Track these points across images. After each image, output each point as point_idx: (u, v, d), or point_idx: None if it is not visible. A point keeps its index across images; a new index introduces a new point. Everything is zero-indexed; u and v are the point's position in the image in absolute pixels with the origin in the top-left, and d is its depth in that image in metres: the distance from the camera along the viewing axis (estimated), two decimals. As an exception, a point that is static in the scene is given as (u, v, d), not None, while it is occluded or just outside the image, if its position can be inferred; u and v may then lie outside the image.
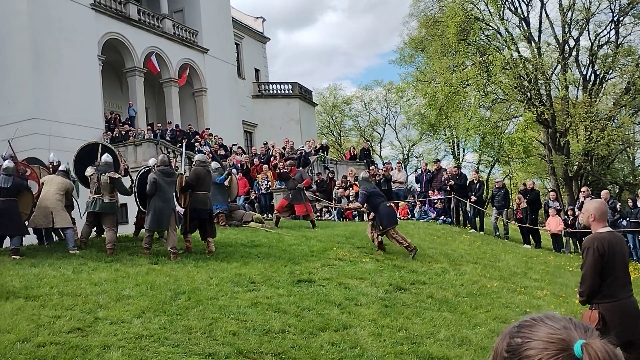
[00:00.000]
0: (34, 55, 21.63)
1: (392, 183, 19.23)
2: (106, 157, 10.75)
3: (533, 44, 31.92)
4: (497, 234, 17.35)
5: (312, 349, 6.12)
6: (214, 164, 11.29)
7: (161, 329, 6.29)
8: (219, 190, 13.16)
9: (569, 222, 16.54)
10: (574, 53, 32.27)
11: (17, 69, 21.50)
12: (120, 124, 25.00)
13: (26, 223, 10.52)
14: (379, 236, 11.22)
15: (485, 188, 24.68)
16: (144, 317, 6.67)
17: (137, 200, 10.36)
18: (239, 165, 21.63)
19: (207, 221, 10.62)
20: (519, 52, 32.37)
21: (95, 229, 12.34)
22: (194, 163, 11.11)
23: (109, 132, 23.62)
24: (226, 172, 13.78)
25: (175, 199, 10.46)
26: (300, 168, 17.42)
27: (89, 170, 10.61)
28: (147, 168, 10.86)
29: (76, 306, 6.89)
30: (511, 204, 20.20)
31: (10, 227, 9.87)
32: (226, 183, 13.59)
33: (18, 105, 21.26)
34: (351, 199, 17.97)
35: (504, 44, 32.40)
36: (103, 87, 24.73)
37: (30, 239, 11.84)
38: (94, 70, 24.12)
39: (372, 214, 11.44)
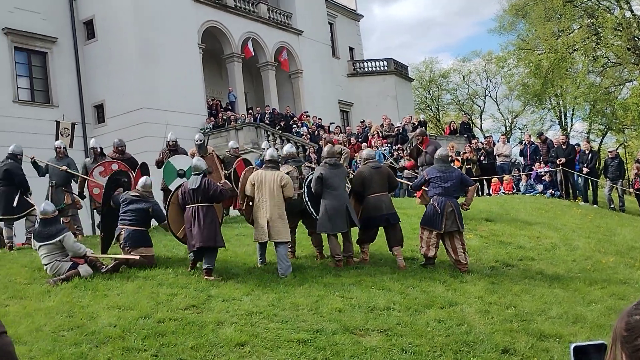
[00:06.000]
0: (140, 49, 22.79)
1: (496, 157, 18.55)
2: (289, 148, 9.70)
3: (648, 0, 29.50)
4: (612, 206, 16.34)
5: (418, 326, 6.09)
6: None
7: (270, 306, 6.50)
8: None
9: (694, 192, 15.30)
10: (695, 7, 29.50)
11: (125, 63, 22.76)
12: (222, 110, 25.87)
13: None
14: (436, 244, 8.53)
15: (597, 158, 23.22)
16: (253, 294, 6.92)
17: (308, 201, 8.65)
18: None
19: (388, 228, 8.79)
20: (632, 11, 29.97)
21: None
22: (358, 161, 9.48)
23: (211, 118, 24.51)
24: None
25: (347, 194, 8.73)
26: (435, 139, 16.30)
27: (287, 168, 8.91)
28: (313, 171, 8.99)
29: (190, 285, 7.27)
30: (627, 174, 18.87)
31: (214, 238, 7.82)
32: None
33: (127, 97, 22.53)
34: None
35: (615, 3, 30.10)
36: (204, 75, 25.65)
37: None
38: (195, 59, 25.05)
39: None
